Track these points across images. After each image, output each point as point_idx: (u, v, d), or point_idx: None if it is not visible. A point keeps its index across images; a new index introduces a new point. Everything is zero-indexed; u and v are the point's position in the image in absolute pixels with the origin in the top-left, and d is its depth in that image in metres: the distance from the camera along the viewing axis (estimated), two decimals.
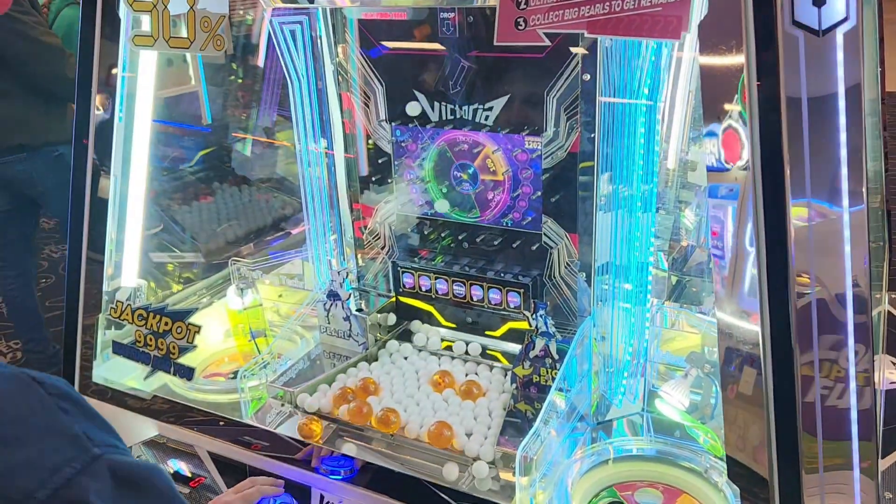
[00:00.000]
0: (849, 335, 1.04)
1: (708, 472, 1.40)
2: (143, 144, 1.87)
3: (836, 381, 1.06)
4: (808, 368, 1.05)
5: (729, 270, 1.13)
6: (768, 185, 1.04)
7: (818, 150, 1.01)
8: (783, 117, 1.01)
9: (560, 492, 1.37)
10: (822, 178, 1.02)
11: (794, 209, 1.02)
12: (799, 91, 1.00)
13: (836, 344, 1.05)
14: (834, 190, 1.02)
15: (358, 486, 1.42)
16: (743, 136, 1.06)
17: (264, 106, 2.35)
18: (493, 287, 1.72)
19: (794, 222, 1.03)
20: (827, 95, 1.00)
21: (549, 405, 1.41)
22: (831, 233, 1.03)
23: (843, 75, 0.99)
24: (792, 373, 1.06)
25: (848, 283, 1.03)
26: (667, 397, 1.46)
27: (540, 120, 1.59)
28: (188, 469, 1.57)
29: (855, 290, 1.03)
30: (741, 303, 1.12)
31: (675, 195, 1.59)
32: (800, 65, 1.00)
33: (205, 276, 2.18)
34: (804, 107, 1.00)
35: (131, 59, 1.78)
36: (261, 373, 1.68)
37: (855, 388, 1.05)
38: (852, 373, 1.05)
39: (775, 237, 1.04)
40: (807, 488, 1.07)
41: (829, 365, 1.05)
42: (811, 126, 1.01)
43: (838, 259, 1.03)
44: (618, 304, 1.51)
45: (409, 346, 1.80)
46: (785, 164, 1.02)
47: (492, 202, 1.70)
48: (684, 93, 1.47)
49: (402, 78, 1.72)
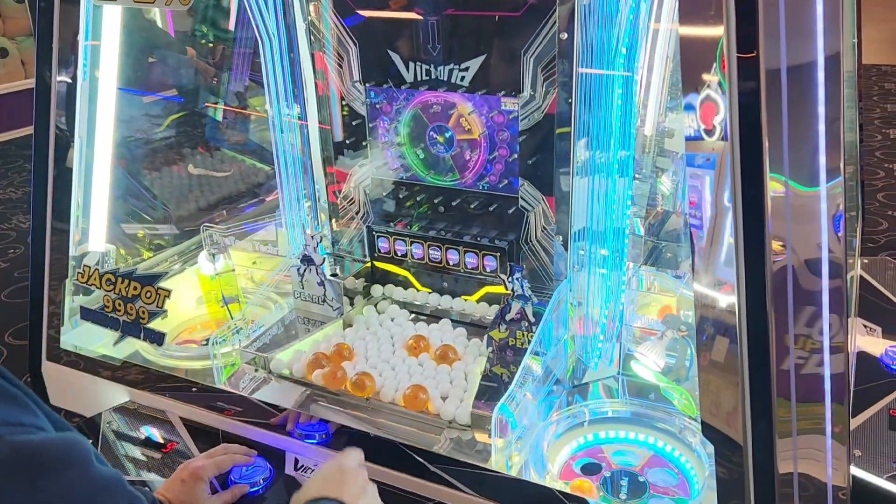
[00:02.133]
0: (823, 303, 1.05)
1: (682, 432, 1.41)
2: (109, 108, 1.83)
3: (810, 347, 1.06)
4: (783, 334, 1.05)
5: (706, 240, 1.13)
6: (746, 155, 1.03)
7: (797, 121, 1.00)
8: (762, 87, 1.00)
9: (536, 454, 1.37)
10: (800, 148, 1.01)
11: (772, 181, 1.02)
12: (778, 61, 0.99)
13: (811, 310, 1.05)
14: (811, 161, 1.01)
15: (333, 450, 1.41)
16: (721, 106, 1.05)
17: (236, 71, 2.30)
18: (469, 251, 1.70)
19: (770, 193, 1.02)
20: (806, 64, 0.99)
21: (524, 368, 1.41)
22: (807, 203, 1.02)
23: (822, 45, 0.98)
24: (766, 339, 1.06)
25: (824, 251, 1.03)
26: (642, 359, 1.46)
27: (517, 81, 1.56)
28: (160, 435, 1.54)
29: (830, 258, 1.03)
30: (718, 272, 1.12)
31: (651, 161, 1.58)
32: (780, 33, 0.98)
33: (176, 242, 2.14)
34: (783, 76, 0.99)
35: (94, 18, 1.72)
36: (233, 338, 1.65)
37: (828, 353, 1.06)
38: (826, 338, 1.05)
39: (752, 206, 1.04)
40: (780, 452, 1.08)
41: (803, 330, 1.06)
42: (790, 96, 1.00)
43: (814, 228, 1.03)
44: (594, 269, 1.50)
45: (384, 311, 1.78)
46: (763, 134, 1.01)
47: (468, 165, 1.68)
48: (662, 59, 1.45)
49: (377, 37, 1.68)
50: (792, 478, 1.09)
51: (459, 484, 1.31)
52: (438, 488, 1.32)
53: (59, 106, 1.78)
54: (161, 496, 1.26)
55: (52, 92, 1.76)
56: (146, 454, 1.50)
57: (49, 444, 0.65)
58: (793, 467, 1.09)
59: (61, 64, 1.75)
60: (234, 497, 1.33)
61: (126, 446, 1.53)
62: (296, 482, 1.39)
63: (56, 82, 1.76)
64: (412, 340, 1.62)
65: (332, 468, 1.17)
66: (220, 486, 1.35)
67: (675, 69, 1.43)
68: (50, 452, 0.65)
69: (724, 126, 1.05)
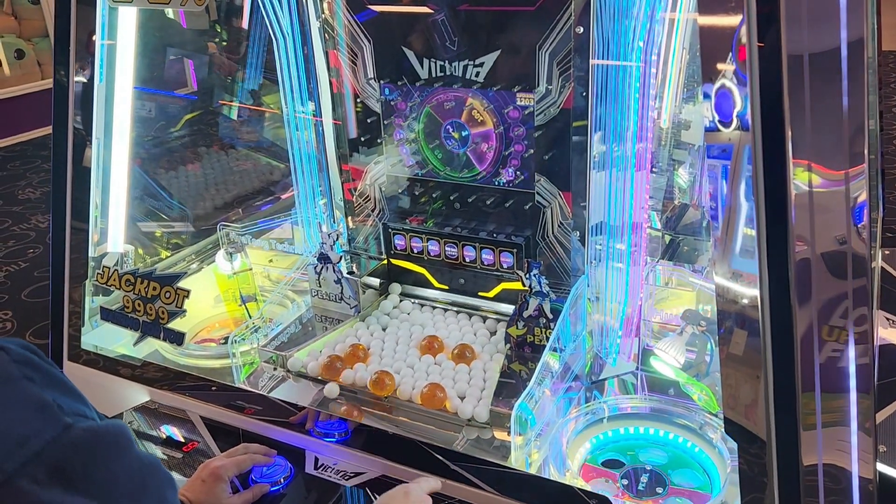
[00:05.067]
0: (848, 293, 1.03)
1: (703, 428, 1.40)
2: (126, 108, 1.84)
3: (835, 338, 1.05)
4: (807, 327, 1.04)
5: (726, 232, 1.11)
6: (768, 144, 1.01)
7: (820, 109, 0.99)
8: (784, 74, 0.98)
9: (556, 451, 1.37)
10: (824, 137, 1.00)
11: (796, 170, 1.00)
12: (801, 47, 0.97)
13: (835, 301, 1.04)
14: (836, 150, 1.00)
15: (352, 448, 1.41)
16: (740, 96, 1.03)
17: (250, 69, 2.30)
18: (485, 247, 1.70)
19: (794, 183, 1.01)
20: (829, 51, 0.97)
21: (543, 365, 1.40)
22: (830, 193, 1.01)
23: (845, 31, 0.96)
24: (791, 331, 1.05)
25: (848, 242, 1.02)
26: (661, 355, 1.45)
27: (532, 76, 1.55)
28: (181, 434, 1.55)
29: (854, 247, 1.02)
30: (738, 264, 1.10)
31: (668, 154, 1.57)
32: (802, 18, 0.97)
33: (193, 241, 2.15)
34: (805, 64, 0.98)
35: (110, 19, 1.73)
36: (252, 337, 1.66)
37: (853, 343, 1.04)
38: (851, 331, 1.04)
39: (775, 197, 1.02)
40: (805, 445, 1.07)
41: (827, 321, 1.04)
42: (812, 83, 0.98)
43: (837, 218, 1.02)
44: (612, 264, 1.49)
45: (401, 308, 1.78)
46: (786, 123, 0.99)
47: (484, 161, 1.67)
48: (679, 51, 1.44)
49: (391, 34, 1.68)
50: (816, 470, 1.08)
51: (480, 482, 1.31)
52: (459, 486, 1.32)
53: (77, 106, 1.79)
54: (182, 496, 1.27)
55: (70, 92, 1.77)
56: (167, 453, 1.51)
57: (107, 429, 0.68)
58: (817, 459, 1.07)
59: (78, 64, 1.76)
60: (255, 496, 1.34)
61: (147, 445, 1.54)
62: (316, 481, 1.39)
63: (73, 83, 1.77)
64: (426, 341, 1.62)
65: (400, 490, 1.19)
66: (241, 485, 1.35)
67: (691, 60, 1.42)
68: (109, 436, 0.67)
69: (743, 116, 1.03)
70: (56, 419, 0.66)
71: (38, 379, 0.68)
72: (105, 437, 0.68)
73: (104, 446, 0.68)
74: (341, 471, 1.41)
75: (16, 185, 4.86)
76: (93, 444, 0.67)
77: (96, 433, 0.68)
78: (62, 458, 0.63)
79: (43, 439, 0.63)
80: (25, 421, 0.64)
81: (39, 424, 0.64)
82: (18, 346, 0.69)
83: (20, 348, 0.69)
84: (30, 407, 0.65)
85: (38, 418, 0.65)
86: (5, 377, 0.66)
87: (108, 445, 0.68)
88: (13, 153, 5.52)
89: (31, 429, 0.64)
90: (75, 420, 0.67)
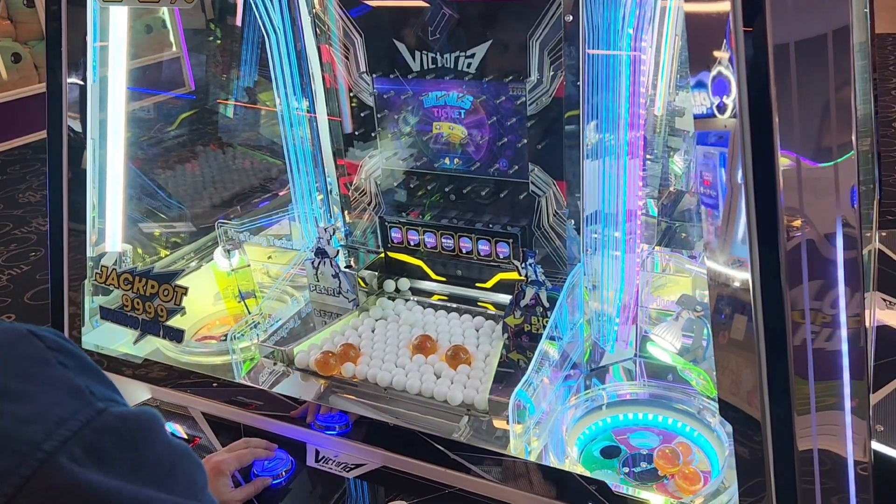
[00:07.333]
0: (839, 278, 1.04)
1: (701, 412, 1.40)
2: (120, 108, 1.84)
3: (827, 324, 1.05)
4: (799, 311, 1.05)
5: (719, 218, 1.12)
6: (756, 131, 1.01)
7: (807, 96, 0.99)
8: (770, 62, 0.99)
9: (555, 438, 1.38)
10: (811, 122, 1.00)
11: (783, 156, 1.01)
12: (786, 34, 0.97)
13: (826, 285, 1.04)
14: (823, 135, 1.00)
15: (352, 441, 1.42)
16: (731, 82, 1.03)
17: (245, 66, 2.30)
18: (482, 238, 1.70)
19: (782, 168, 1.01)
20: (815, 38, 0.97)
21: (540, 353, 1.41)
22: (820, 178, 1.01)
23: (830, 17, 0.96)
24: (782, 315, 1.05)
25: (838, 225, 1.02)
26: (658, 340, 1.45)
27: (523, 66, 1.55)
28: (183, 430, 1.57)
29: (844, 231, 1.02)
30: (732, 250, 1.11)
31: (663, 141, 1.57)
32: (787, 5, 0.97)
33: (192, 239, 2.15)
34: (791, 50, 0.98)
35: (102, 19, 1.73)
36: (251, 333, 1.67)
37: (845, 327, 1.05)
38: (843, 314, 1.04)
39: (763, 183, 1.02)
40: (799, 429, 1.07)
41: (819, 305, 1.05)
42: (798, 70, 0.98)
43: (827, 202, 1.02)
44: (608, 252, 1.50)
45: (399, 300, 1.79)
46: (773, 110, 1.00)
47: (478, 152, 1.67)
48: (670, 37, 1.44)
49: (382, 27, 1.68)
50: (812, 454, 1.08)
51: (480, 471, 1.32)
52: (459, 475, 1.33)
53: (71, 108, 1.79)
54: None
55: (64, 95, 1.77)
56: None
57: (139, 414, 0.70)
58: (812, 444, 1.08)
59: (71, 66, 1.76)
60: (257, 490, 1.35)
61: None
62: (317, 473, 1.40)
63: (67, 85, 1.77)
64: (417, 341, 1.60)
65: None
66: (242, 479, 1.36)
67: (683, 47, 1.42)
68: (141, 421, 0.69)
69: (734, 103, 1.03)
70: (90, 403, 0.67)
71: (71, 365, 0.69)
72: (137, 422, 0.69)
73: (136, 430, 0.69)
74: (342, 463, 1.42)
75: (16, 189, 4.87)
76: (125, 428, 0.68)
77: (128, 418, 0.69)
78: (97, 440, 0.65)
79: (79, 421, 0.65)
80: (62, 403, 0.66)
81: (75, 406, 0.66)
82: (52, 333, 0.71)
83: (54, 335, 0.71)
84: (65, 390, 0.67)
85: (74, 401, 0.66)
86: (42, 361, 0.68)
87: (139, 430, 0.69)
88: (13, 157, 5.54)
89: (68, 410, 0.65)
90: (107, 405, 0.68)
